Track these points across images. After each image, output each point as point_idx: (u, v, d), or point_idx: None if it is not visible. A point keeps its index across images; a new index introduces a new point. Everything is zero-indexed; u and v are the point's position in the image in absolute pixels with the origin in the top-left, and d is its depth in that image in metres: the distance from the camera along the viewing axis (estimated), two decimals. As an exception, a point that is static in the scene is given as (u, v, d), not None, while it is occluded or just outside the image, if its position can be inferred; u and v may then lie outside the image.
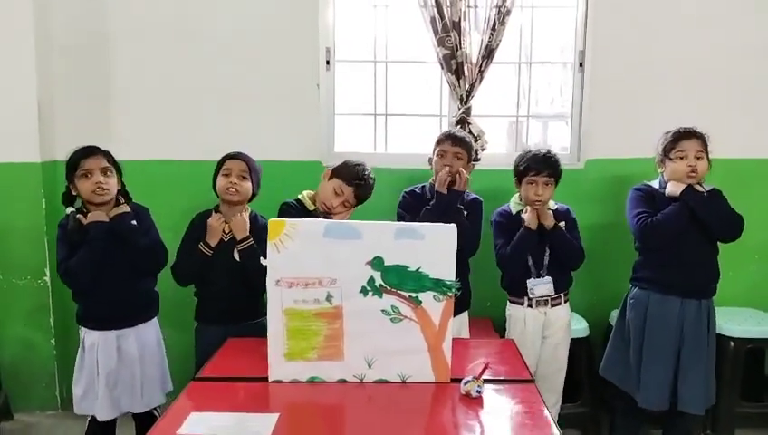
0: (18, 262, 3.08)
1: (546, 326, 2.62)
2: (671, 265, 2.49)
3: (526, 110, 3.40)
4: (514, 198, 2.70)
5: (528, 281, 2.60)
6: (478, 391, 1.70)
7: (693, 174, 2.44)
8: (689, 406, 2.48)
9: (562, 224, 2.58)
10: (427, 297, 1.78)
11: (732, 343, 2.90)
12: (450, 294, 1.79)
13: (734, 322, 2.96)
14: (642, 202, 2.55)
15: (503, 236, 2.63)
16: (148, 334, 2.40)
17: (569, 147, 3.31)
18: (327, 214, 2.41)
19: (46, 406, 3.20)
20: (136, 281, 2.35)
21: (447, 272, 1.78)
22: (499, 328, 2.92)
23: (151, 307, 2.44)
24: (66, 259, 2.23)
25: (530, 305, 2.60)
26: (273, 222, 1.79)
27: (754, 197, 3.12)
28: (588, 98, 3.22)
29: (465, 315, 2.64)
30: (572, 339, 2.80)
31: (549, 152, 2.59)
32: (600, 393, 2.95)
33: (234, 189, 2.42)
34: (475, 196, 2.66)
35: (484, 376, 1.73)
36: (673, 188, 2.47)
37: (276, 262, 1.78)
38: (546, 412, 1.65)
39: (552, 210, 2.61)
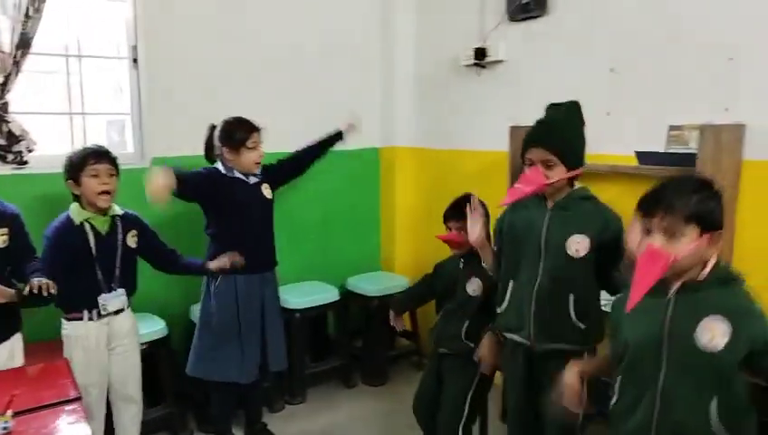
0: None
1: (112, 337, 2.47)
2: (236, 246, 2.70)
3: (81, 107, 3.14)
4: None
5: (100, 297, 2.41)
6: (5, 428, 1.50)
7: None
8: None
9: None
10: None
11: (297, 314, 3.27)
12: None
13: (296, 295, 3.34)
14: None
15: None
16: None
17: (132, 145, 3.21)
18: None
19: None
20: None
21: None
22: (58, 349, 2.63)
23: None
24: None
25: (91, 319, 2.40)
26: None
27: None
28: (146, 95, 3.15)
29: (17, 339, 2.29)
30: (152, 341, 2.76)
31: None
32: (185, 389, 2.98)
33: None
34: (12, 209, 2.28)
35: (15, 409, 1.54)
36: None
37: None
38: (89, 429, 1.56)
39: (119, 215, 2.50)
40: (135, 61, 3.14)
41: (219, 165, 2.78)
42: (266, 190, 2.86)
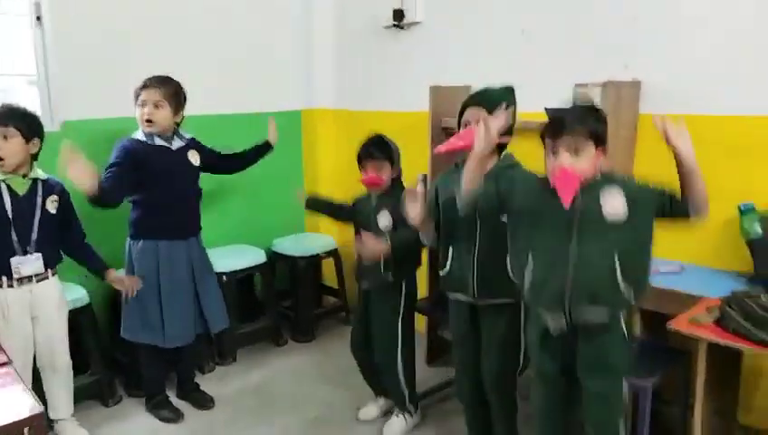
0: None
1: (35, 306, 2.42)
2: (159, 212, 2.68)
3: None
4: None
5: (12, 259, 2.35)
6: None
7: None
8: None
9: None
10: None
11: (224, 277, 3.28)
12: None
13: (223, 258, 3.34)
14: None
15: None
16: None
17: (41, 108, 3.05)
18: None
19: None
20: None
21: None
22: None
23: None
24: None
25: (11, 286, 2.35)
26: None
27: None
28: (54, 55, 3.00)
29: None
30: (74, 309, 2.69)
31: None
32: (112, 355, 2.95)
33: None
34: None
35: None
36: None
37: None
38: (24, 389, 1.56)
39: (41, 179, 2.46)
40: (39, 18, 2.97)
41: (139, 132, 2.69)
42: (193, 157, 2.80)
